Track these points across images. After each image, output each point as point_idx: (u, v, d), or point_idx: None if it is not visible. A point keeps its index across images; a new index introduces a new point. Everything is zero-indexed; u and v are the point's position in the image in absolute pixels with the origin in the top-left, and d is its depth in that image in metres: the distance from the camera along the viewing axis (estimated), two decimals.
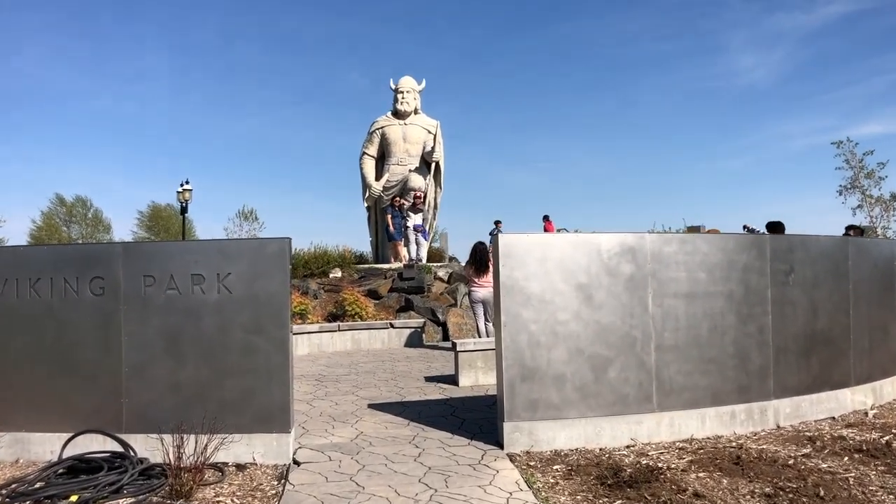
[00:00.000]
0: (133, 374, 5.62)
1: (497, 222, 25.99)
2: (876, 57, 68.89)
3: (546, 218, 26.40)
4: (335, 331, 12.74)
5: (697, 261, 6.29)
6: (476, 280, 11.19)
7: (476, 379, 8.42)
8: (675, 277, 6.21)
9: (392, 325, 13.14)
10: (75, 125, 77.05)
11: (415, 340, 13.07)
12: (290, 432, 5.61)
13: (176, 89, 79.78)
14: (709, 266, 6.32)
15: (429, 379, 8.99)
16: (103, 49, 75.12)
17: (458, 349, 8.40)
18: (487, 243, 12.31)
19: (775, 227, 10.37)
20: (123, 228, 55.59)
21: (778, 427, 6.49)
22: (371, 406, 7.35)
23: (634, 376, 6.04)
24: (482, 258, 11.19)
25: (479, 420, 6.63)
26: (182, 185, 30.80)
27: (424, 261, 17.42)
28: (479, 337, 11.33)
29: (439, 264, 17.40)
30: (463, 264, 17.62)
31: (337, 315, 13.59)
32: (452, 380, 8.70)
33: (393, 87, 19.27)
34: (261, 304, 5.64)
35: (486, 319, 11.36)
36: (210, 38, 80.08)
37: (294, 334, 12.24)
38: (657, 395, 6.09)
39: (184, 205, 31.19)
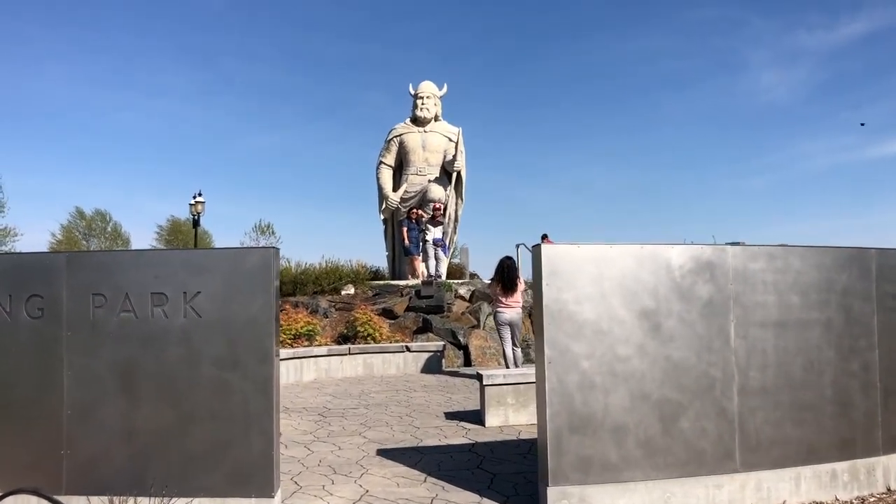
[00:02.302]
0: (77, 419, 4.42)
1: (544, 236, 23.95)
2: None
3: (545, 237, 24.27)
4: (345, 354, 11.51)
5: (789, 281, 5.00)
6: (503, 300, 9.92)
7: (506, 418, 7.13)
8: (762, 302, 4.93)
9: (408, 349, 11.89)
10: (98, 139, 76.85)
11: (433, 366, 11.80)
12: (273, 496, 4.37)
13: (198, 105, 79.43)
14: (802, 287, 5.03)
15: (450, 416, 7.71)
16: (127, 64, 75.01)
17: (484, 382, 7.13)
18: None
19: None
20: (143, 243, 54.76)
21: (889, 490, 5.16)
22: (380, 453, 6.09)
23: (713, 427, 4.74)
24: (510, 275, 9.92)
25: (512, 476, 5.35)
26: (195, 197, 29.88)
27: (444, 277, 16.18)
28: (506, 363, 10.06)
29: (460, 281, 16.15)
30: (487, 281, 16.37)
31: (348, 336, 12.37)
32: (477, 417, 7.43)
33: (412, 92, 18.14)
34: (238, 331, 4.43)
35: (514, 344, 10.08)
36: (232, 57, 79.73)
37: (300, 358, 11.06)
38: (740, 450, 4.78)
39: (196, 217, 30.23)
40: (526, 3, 79.95)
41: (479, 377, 7.31)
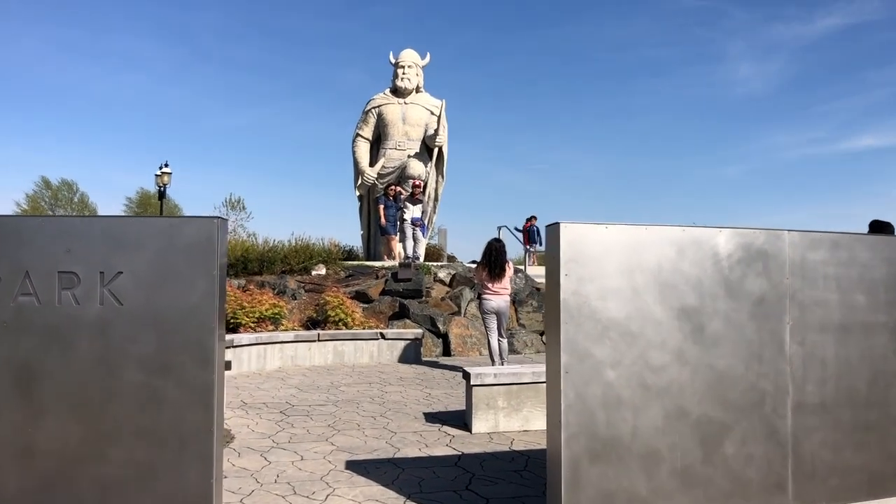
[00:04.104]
0: None
1: (532, 218, 22.73)
2: (871, 70, 67.70)
3: (532, 219, 23.04)
4: (314, 340, 10.50)
5: (854, 276, 4.12)
6: (490, 286, 8.99)
7: (495, 423, 6.21)
8: (822, 301, 4.04)
9: (383, 336, 10.91)
10: (69, 109, 74.28)
11: (410, 355, 10.84)
12: None
13: (173, 79, 76.97)
14: (869, 284, 4.15)
15: (430, 417, 6.78)
16: (101, 36, 72.40)
17: (472, 382, 6.19)
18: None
19: (882, 228, 8.16)
20: (110, 214, 53.00)
21: None
22: (350, 466, 5.13)
23: (762, 452, 3.86)
24: (498, 259, 8.98)
25: (508, 501, 4.43)
26: (161, 168, 28.53)
27: (422, 259, 15.20)
28: (491, 356, 9.15)
29: (439, 264, 15.18)
30: (467, 264, 15.42)
31: (317, 321, 11.36)
32: (462, 421, 6.51)
33: (393, 61, 17.03)
34: (171, 324, 3.43)
35: (500, 335, 9.17)
36: (209, 33, 77.36)
37: (263, 344, 10.03)
38: (794, 480, 3.91)
39: (162, 189, 28.91)
40: None
41: (465, 376, 6.37)
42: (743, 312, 3.87)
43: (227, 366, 7.11)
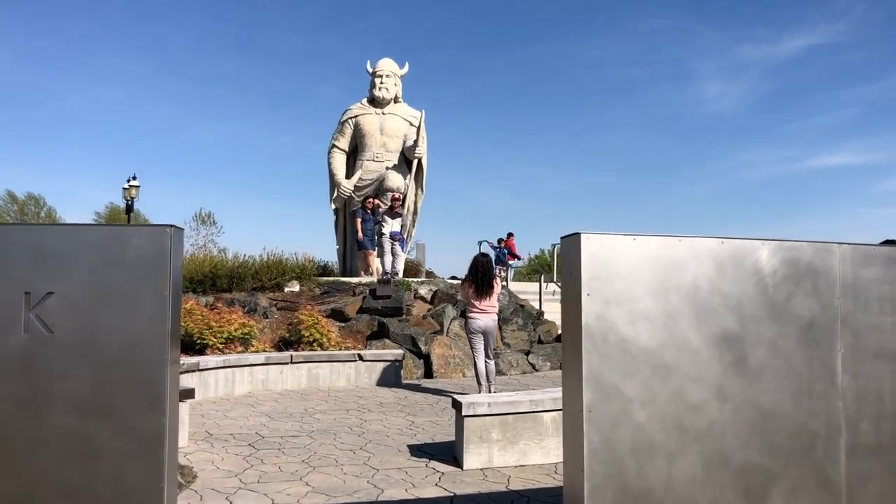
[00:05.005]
0: None
1: (510, 235, 22.62)
2: (839, 90, 68.92)
3: (510, 236, 22.92)
4: (286, 363, 9.81)
5: None
6: (476, 304, 8.41)
7: (489, 458, 5.60)
8: (876, 325, 3.52)
9: (361, 357, 10.25)
10: (37, 122, 72.48)
11: (390, 378, 10.19)
12: None
13: (147, 93, 75.60)
14: None
15: (416, 451, 6.15)
16: (74, 48, 70.92)
17: (463, 412, 5.58)
18: (492, 258, 9.67)
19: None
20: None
21: None
22: None
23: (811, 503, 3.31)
24: (486, 276, 8.42)
25: None
26: (129, 180, 27.65)
27: (401, 275, 14.57)
28: (478, 378, 8.56)
29: (419, 280, 14.56)
30: (448, 280, 14.84)
31: (290, 341, 10.68)
32: (452, 455, 5.89)
33: (370, 70, 16.46)
34: (112, 357, 2.80)
35: (488, 356, 8.59)
36: (182, 47, 76.21)
37: (231, 367, 9.31)
38: None
39: (129, 202, 27.99)
40: (481, 6, 78.77)
41: (456, 405, 5.76)
42: (790, 339, 3.33)
43: (190, 393, 6.44)
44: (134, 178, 27.50)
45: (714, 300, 3.23)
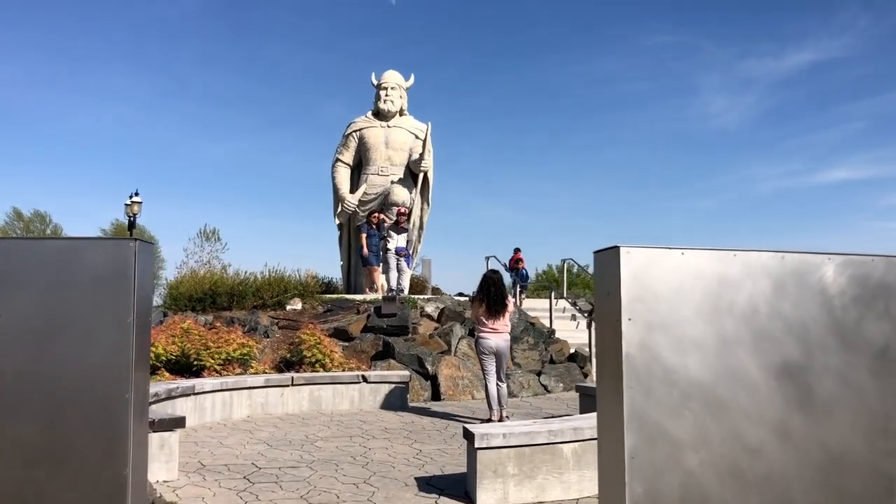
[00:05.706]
0: None
1: (517, 250, 22.22)
2: (844, 104, 68.57)
3: (517, 251, 22.48)
4: (287, 385, 9.34)
5: None
6: (488, 323, 7.94)
7: (504, 494, 5.12)
8: None
9: (365, 379, 9.77)
10: (44, 140, 72.51)
11: (395, 401, 9.71)
12: None
13: (152, 111, 75.64)
14: None
15: (424, 485, 5.67)
16: (80, 67, 71.04)
17: (476, 444, 5.11)
18: (506, 275, 9.18)
19: None
20: None
21: None
22: None
23: None
24: (498, 294, 7.96)
25: None
26: (131, 196, 27.34)
27: (407, 292, 14.13)
28: (489, 402, 8.08)
29: (425, 297, 14.10)
30: (456, 297, 14.39)
31: (291, 362, 10.22)
32: (463, 490, 5.41)
33: (375, 82, 16.11)
34: (66, 393, 2.37)
35: (500, 379, 8.11)
36: (188, 64, 76.30)
37: (229, 390, 8.86)
38: None
39: (132, 218, 27.70)
40: (486, 23, 78.80)
41: (468, 436, 5.29)
42: (861, 369, 2.87)
43: (180, 423, 5.99)
44: (136, 194, 27.17)
45: (774, 324, 2.77)
